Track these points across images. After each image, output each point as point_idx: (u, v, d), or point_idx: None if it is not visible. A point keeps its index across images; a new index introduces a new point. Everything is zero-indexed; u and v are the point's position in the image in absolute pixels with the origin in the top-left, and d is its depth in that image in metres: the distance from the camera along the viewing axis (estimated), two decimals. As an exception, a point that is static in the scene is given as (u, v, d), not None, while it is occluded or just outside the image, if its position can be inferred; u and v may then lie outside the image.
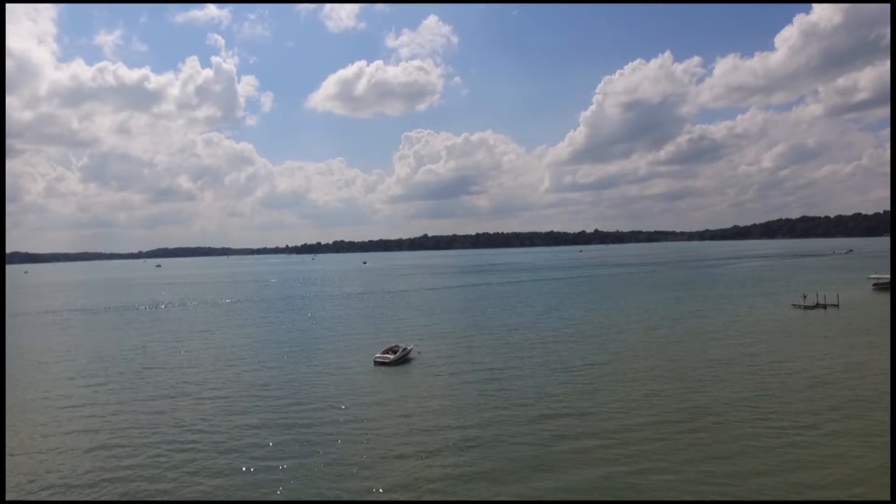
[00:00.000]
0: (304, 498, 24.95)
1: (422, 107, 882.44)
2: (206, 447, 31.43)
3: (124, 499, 22.02)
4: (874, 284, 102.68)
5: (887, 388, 38.27)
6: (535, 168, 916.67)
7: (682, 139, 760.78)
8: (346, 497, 25.24)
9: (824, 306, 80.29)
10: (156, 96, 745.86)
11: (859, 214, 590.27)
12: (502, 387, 42.46)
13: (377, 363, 52.58)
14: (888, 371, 41.69)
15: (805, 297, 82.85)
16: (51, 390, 45.57)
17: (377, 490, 25.61)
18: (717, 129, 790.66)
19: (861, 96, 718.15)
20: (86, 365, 55.07)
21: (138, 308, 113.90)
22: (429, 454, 29.35)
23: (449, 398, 40.57)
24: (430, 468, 27.58)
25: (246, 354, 59.11)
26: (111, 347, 65.25)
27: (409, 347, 56.55)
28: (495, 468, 27.15)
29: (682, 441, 29.67)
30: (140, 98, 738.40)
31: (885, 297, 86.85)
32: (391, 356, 53.25)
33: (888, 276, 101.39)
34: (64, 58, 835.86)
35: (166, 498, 25.33)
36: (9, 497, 13.11)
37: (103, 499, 16.85)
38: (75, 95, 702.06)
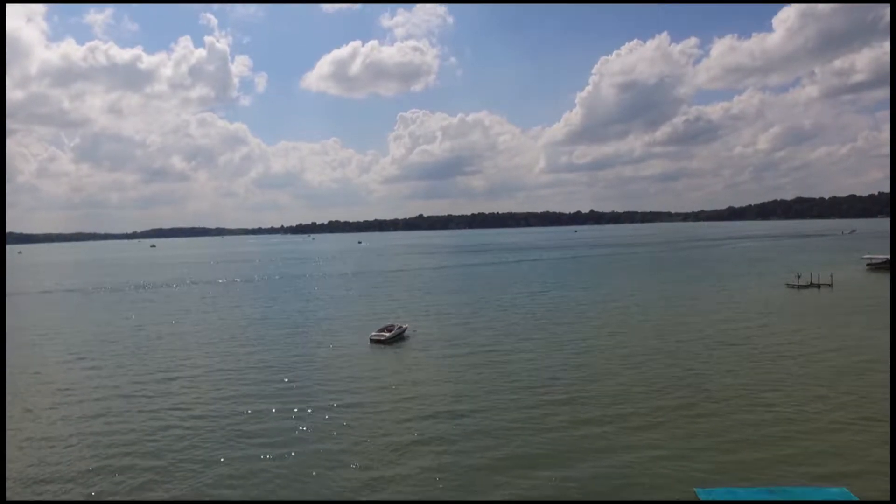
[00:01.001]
0: (306, 498, 24.60)
1: (417, 87, 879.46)
2: (202, 429, 31.35)
3: (125, 499, 21.37)
4: (868, 265, 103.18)
5: (880, 365, 38.60)
6: (530, 149, 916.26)
7: (678, 120, 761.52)
8: (347, 496, 25.22)
9: (818, 286, 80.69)
10: (148, 76, 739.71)
11: (854, 196, 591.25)
12: (498, 367, 42.62)
13: (373, 341, 52.75)
14: (881, 349, 41.97)
15: (799, 277, 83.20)
16: (45, 372, 45.49)
17: (373, 474, 25.55)
18: (714, 111, 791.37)
19: (858, 78, 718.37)
20: (81, 346, 54.97)
21: (134, 288, 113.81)
22: (426, 440, 29.08)
23: (445, 378, 40.71)
24: (428, 454, 27.40)
25: (242, 334, 59.20)
26: (107, 328, 65.28)
27: (404, 326, 56.74)
28: (494, 455, 26.77)
29: (678, 425, 29.56)
30: (132, 78, 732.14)
31: (879, 278, 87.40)
32: (387, 334, 53.43)
33: (882, 256, 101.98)
34: (54, 37, 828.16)
35: (165, 498, 25.32)
36: (9, 497, 13.03)
37: (103, 499, 16.25)
38: (66, 75, 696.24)
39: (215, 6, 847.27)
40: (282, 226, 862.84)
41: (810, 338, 48.42)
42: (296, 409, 33.77)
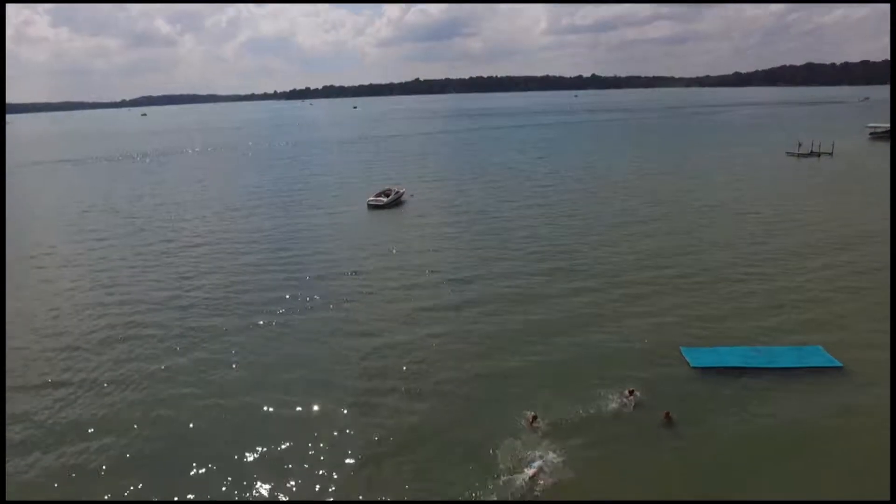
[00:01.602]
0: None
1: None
2: (207, 299, 31.82)
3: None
4: (871, 133, 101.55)
5: (874, 236, 38.98)
6: (531, 8, 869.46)
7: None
8: (354, 363, 25.90)
9: (818, 154, 79.98)
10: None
11: (867, 62, 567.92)
12: (498, 234, 42.96)
13: (370, 206, 52.93)
14: (877, 220, 42.06)
15: (800, 145, 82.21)
16: (47, 245, 45.42)
17: (378, 341, 26.01)
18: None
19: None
20: (80, 218, 54.73)
21: (128, 158, 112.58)
22: (430, 307, 29.50)
23: (445, 245, 41.11)
24: (433, 321, 27.80)
25: (240, 203, 59.08)
26: (104, 200, 64.84)
27: (401, 190, 56.72)
28: (497, 322, 27.21)
29: (671, 294, 30.01)
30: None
31: (881, 147, 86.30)
32: (384, 199, 53.51)
33: (886, 125, 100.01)
34: None
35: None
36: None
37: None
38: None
39: None
40: (275, 91, 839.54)
41: (806, 208, 48.56)
42: (297, 277, 34.37)
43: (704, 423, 18.79)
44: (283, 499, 16.05)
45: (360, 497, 15.94)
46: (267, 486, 16.44)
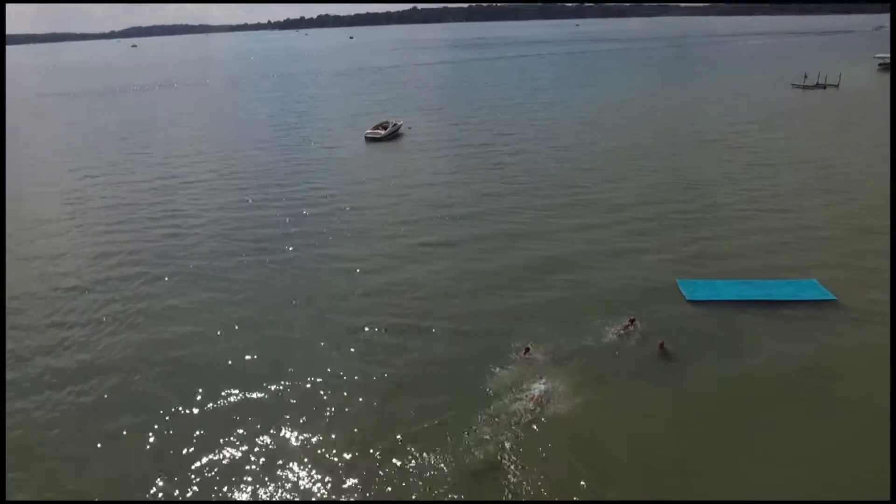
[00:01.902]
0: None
1: None
2: (205, 235, 31.67)
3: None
4: (879, 64, 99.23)
5: (877, 171, 38.56)
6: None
7: None
8: (357, 299, 25.89)
9: (824, 86, 78.41)
10: None
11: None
12: (497, 169, 42.43)
13: (368, 139, 52.31)
14: (880, 156, 41.41)
15: (806, 77, 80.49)
16: (45, 182, 44.78)
17: (382, 278, 26.02)
18: None
19: None
20: (72, 155, 53.69)
21: (121, 92, 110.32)
22: (431, 243, 29.28)
23: (443, 179, 40.66)
24: (434, 258, 27.71)
25: (236, 137, 58.26)
26: (95, 135, 63.80)
27: (399, 123, 55.94)
28: (499, 259, 27.15)
29: (672, 230, 29.82)
30: None
31: (888, 78, 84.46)
32: (382, 132, 52.86)
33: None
34: None
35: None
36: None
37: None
38: None
39: None
40: (269, 21, 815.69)
41: (809, 143, 47.88)
42: (294, 213, 34.14)
43: (699, 356, 19.01)
44: (283, 434, 16.24)
45: (355, 430, 16.14)
46: (262, 424, 16.57)
